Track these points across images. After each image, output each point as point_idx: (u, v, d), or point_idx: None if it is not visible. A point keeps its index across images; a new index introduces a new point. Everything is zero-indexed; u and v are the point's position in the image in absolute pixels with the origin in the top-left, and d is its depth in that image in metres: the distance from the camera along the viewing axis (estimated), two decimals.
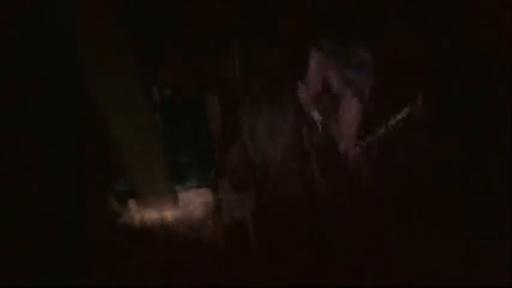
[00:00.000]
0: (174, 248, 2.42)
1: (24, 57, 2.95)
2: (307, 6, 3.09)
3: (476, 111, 2.72)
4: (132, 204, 2.47)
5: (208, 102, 2.85)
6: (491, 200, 2.43)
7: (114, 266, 2.33)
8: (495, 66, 2.84)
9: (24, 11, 2.99)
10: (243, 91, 2.90)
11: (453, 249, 2.32)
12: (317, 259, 2.36)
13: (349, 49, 2.56)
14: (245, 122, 2.80)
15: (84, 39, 1.78)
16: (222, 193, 2.56)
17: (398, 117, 2.73)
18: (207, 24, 3.11)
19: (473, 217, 2.39)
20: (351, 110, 2.51)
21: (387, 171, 2.61)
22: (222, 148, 2.70)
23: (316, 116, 2.77)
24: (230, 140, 2.75)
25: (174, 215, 2.51)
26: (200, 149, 2.60)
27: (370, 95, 2.46)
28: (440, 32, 2.99)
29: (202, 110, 2.77)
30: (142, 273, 2.33)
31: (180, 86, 2.92)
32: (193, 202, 2.52)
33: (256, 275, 2.33)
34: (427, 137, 2.68)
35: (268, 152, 2.71)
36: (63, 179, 2.57)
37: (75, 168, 2.60)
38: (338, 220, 2.48)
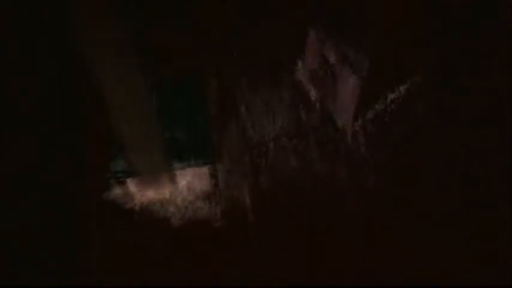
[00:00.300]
0: (173, 228, 2.43)
1: (24, 57, 2.95)
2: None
3: (476, 110, 2.72)
4: (130, 183, 2.49)
5: (206, 80, 2.85)
6: (491, 200, 2.43)
7: (113, 253, 2.34)
8: (495, 66, 2.83)
9: (24, 11, 2.98)
10: (241, 69, 2.90)
11: (453, 249, 2.32)
12: (312, 236, 2.38)
13: (348, 27, 2.56)
14: (243, 100, 2.81)
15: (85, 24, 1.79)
16: (220, 171, 2.57)
17: (397, 93, 2.73)
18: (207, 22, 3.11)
19: (473, 217, 2.39)
20: (348, 87, 2.51)
21: (385, 148, 2.62)
22: (220, 126, 2.71)
23: (313, 93, 2.77)
24: (228, 118, 2.75)
25: (172, 194, 2.52)
26: (198, 127, 2.60)
27: (368, 72, 2.46)
28: (440, 31, 2.99)
29: (200, 89, 2.78)
30: (141, 256, 2.34)
31: (178, 65, 2.92)
32: (191, 180, 2.53)
33: (255, 255, 2.35)
34: (425, 116, 2.68)
35: (266, 129, 2.71)
36: (63, 178, 2.57)
37: (75, 166, 2.60)
38: (336, 199, 2.50)
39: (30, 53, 2.97)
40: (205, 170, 2.53)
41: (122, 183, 2.49)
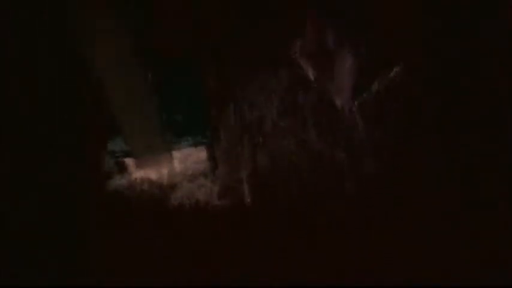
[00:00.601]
0: (171, 209, 2.45)
1: (24, 57, 2.95)
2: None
3: (476, 110, 2.72)
4: (128, 163, 2.50)
5: (204, 61, 2.85)
6: (491, 200, 2.43)
7: (113, 253, 2.35)
8: (495, 66, 2.83)
9: (24, 11, 2.98)
10: (239, 49, 2.90)
11: (453, 249, 2.32)
12: (310, 217, 2.40)
13: (346, 9, 2.57)
14: (240, 80, 2.80)
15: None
16: (218, 151, 2.58)
17: (393, 74, 2.73)
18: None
19: (473, 217, 2.39)
20: (345, 67, 2.52)
21: (382, 128, 2.62)
22: (218, 106, 2.72)
23: (311, 73, 2.77)
24: (225, 98, 2.76)
25: (169, 174, 2.53)
26: (196, 108, 2.61)
27: (365, 52, 2.47)
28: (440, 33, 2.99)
29: (198, 69, 2.78)
30: (141, 256, 2.35)
31: (175, 45, 2.91)
32: (188, 161, 2.54)
33: (253, 234, 2.36)
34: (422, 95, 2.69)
35: (263, 110, 2.71)
36: (63, 178, 2.57)
37: (75, 166, 2.60)
38: (335, 180, 2.51)
39: (30, 53, 2.97)
40: (202, 150, 2.53)
41: (120, 163, 2.49)
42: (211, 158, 2.56)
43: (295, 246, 2.35)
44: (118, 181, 2.53)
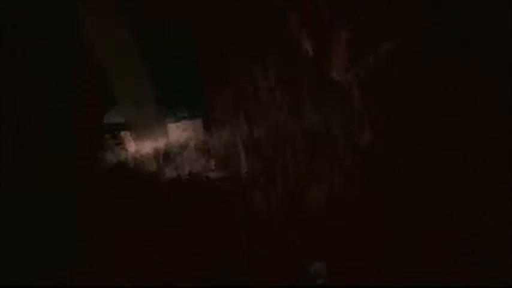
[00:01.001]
0: (167, 181, 2.47)
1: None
2: None
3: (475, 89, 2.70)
4: (124, 136, 2.52)
5: (200, 35, 2.83)
6: (491, 199, 2.43)
7: (113, 251, 2.34)
8: (497, 41, 2.80)
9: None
10: (235, 23, 2.86)
11: (453, 248, 2.32)
12: (305, 194, 2.42)
13: None
14: (236, 53, 2.79)
15: None
16: (213, 124, 2.59)
17: (391, 45, 2.73)
18: None
19: (473, 216, 2.39)
20: (342, 40, 2.53)
21: (380, 99, 2.62)
22: (213, 79, 2.71)
23: (308, 45, 2.77)
24: (221, 70, 2.74)
25: (165, 146, 2.54)
26: (191, 80, 2.63)
27: (362, 24, 2.47)
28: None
29: (194, 43, 2.77)
30: (141, 254, 2.35)
31: (172, 20, 2.88)
32: (184, 133, 2.57)
33: (249, 206, 2.38)
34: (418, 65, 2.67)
35: (259, 82, 2.71)
36: (63, 178, 2.57)
37: (74, 164, 2.60)
38: (330, 150, 2.53)
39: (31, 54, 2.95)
40: (198, 122, 2.56)
41: (116, 136, 2.50)
42: (207, 130, 2.57)
43: (292, 220, 2.34)
44: (114, 155, 2.53)
